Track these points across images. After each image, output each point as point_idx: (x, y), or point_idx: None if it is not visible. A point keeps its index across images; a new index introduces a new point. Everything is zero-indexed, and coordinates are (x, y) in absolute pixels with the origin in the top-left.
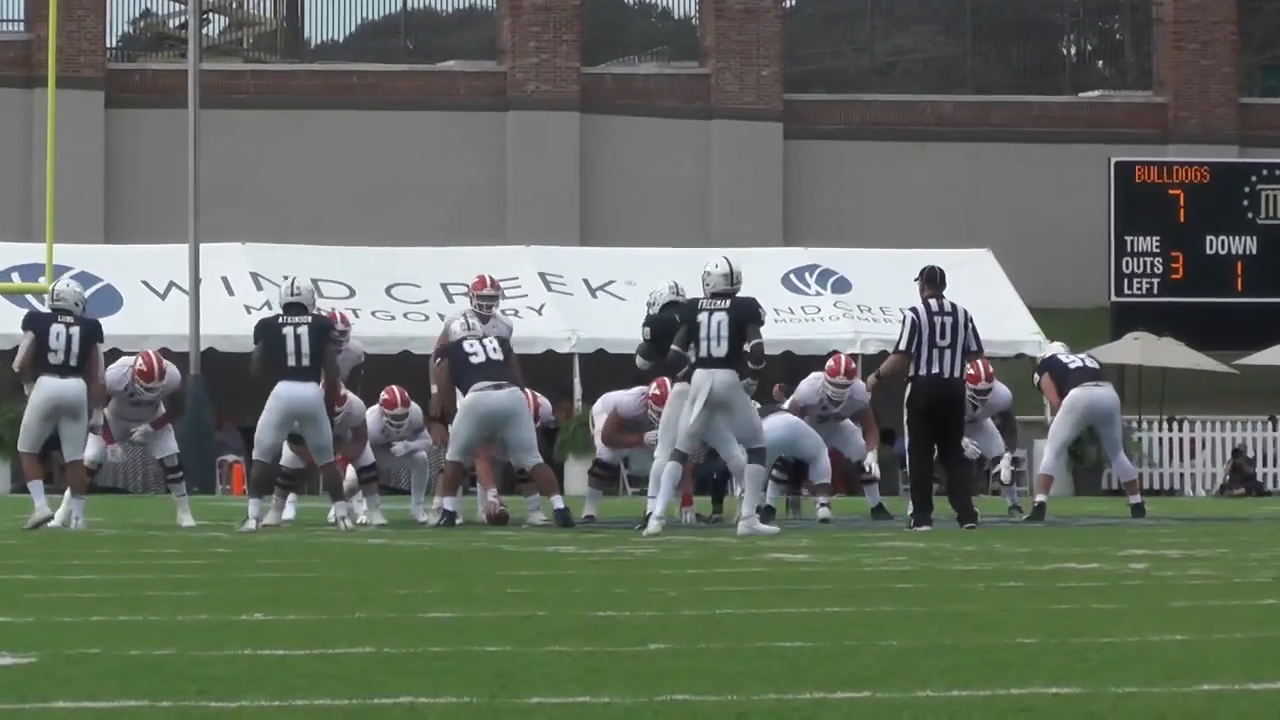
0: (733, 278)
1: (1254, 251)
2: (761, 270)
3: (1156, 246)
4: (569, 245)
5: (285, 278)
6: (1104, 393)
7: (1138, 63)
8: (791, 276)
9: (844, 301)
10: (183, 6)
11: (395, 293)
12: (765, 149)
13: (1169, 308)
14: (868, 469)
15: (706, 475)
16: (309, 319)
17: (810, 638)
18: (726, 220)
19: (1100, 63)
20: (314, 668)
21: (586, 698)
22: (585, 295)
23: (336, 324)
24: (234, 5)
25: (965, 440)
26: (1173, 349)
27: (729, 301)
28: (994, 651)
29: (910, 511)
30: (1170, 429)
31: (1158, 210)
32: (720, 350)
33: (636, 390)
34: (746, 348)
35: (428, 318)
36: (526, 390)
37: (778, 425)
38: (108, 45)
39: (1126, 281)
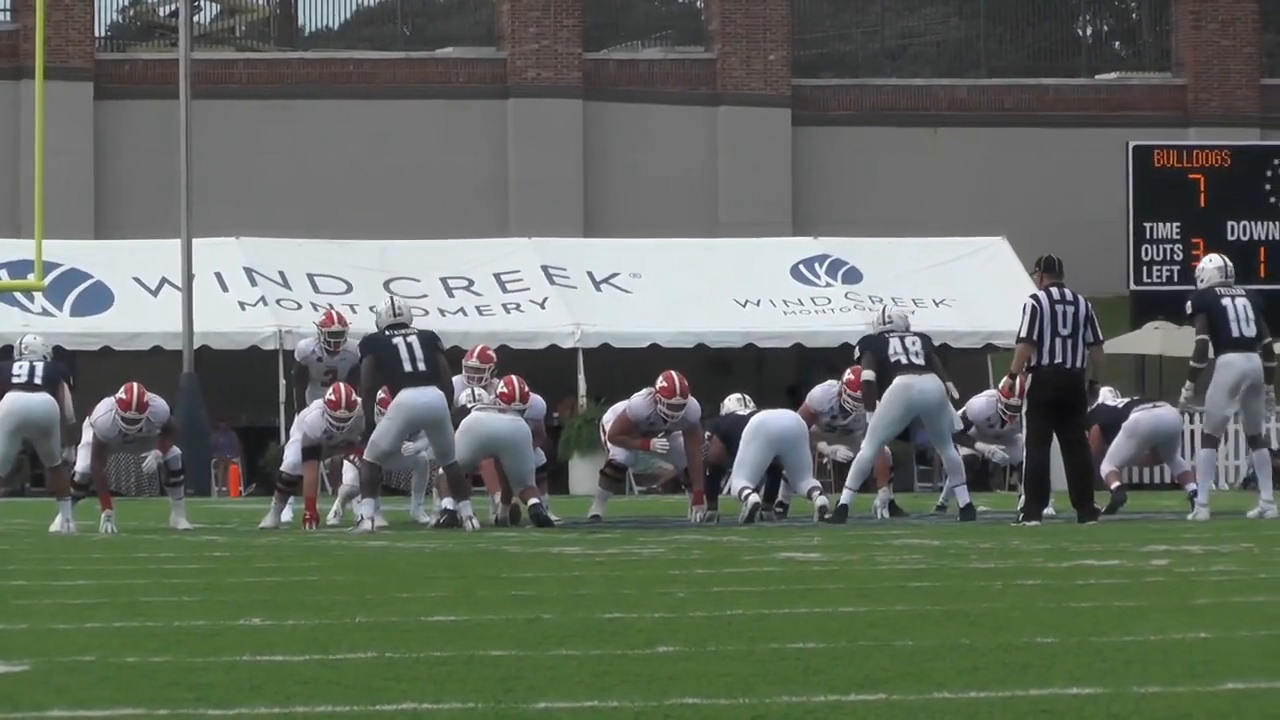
0: (1226, 270)
1: (1277, 237)
2: (770, 260)
3: (1177, 233)
4: (572, 237)
5: (384, 300)
6: (1164, 413)
7: (1156, 43)
8: (801, 267)
9: (855, 292)
10: None
11: (394, 287)
12: (773, 136)
13: (1189, 296)
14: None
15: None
16: (415, 330)
17: (824, 639)
18: (734, 209)
19: (1117, 44)
20: (314, 674)
21: (594, 702)
22: (589, 288)
23: (334, 324)
24: None
25: (991, 448)
26: (1193, 339)
27: (1241, 289)
28: (1012, 651)
29: (1020, 505)
30: (1192, 421)
31: (1177, 196)
32: (1250, 331)
33: (645, 391)
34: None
35: (427, 312)
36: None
37: (787, 420)
38: (96, 34)
39: (1146, 269)
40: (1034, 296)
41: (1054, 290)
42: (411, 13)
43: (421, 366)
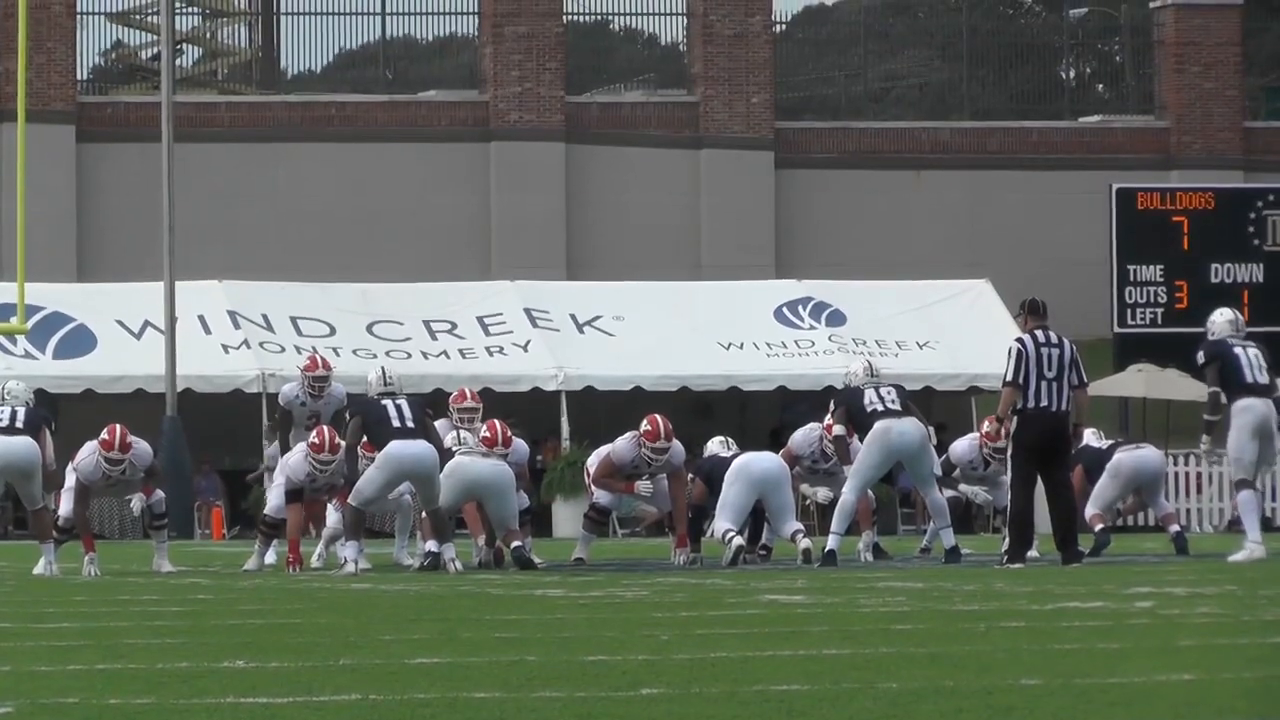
0: (1237, 324)
1: (1260, 280)
2: (753, 303)
3: (1160, 275)
4: (555, 279)
5: (375, 370)
6: (1147, 454)
7: (1139, 86)
8: (784, 310)
9: (839, 335)
10: (155, 37)
11: (376, 330)
12: (756, 178)
13: (1173, 338)
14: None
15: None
16: (404, 395)
17: (807, 681)
18: (717, 252)
19: (1100, 86)
20: (298, 716)
21: None
22: (572, 331)
23: (318, 369)
24: (208, 35)
25: (974, 489)
26: (1177, 381)
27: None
28: (996, 694)
29: (1005, 547)
30: (1175, 463)
31: (1161, 238)
32: (1264, 379)
33: (629, 434)
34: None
35: (410, 355)
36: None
37: (770, 462)
38: (78, 77)
39: (1129, 312)
40: (1019, 340)
41: (1039, 333)
42: (394, 56)
43: (410, 424)
